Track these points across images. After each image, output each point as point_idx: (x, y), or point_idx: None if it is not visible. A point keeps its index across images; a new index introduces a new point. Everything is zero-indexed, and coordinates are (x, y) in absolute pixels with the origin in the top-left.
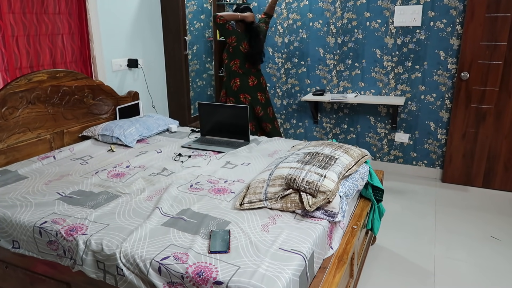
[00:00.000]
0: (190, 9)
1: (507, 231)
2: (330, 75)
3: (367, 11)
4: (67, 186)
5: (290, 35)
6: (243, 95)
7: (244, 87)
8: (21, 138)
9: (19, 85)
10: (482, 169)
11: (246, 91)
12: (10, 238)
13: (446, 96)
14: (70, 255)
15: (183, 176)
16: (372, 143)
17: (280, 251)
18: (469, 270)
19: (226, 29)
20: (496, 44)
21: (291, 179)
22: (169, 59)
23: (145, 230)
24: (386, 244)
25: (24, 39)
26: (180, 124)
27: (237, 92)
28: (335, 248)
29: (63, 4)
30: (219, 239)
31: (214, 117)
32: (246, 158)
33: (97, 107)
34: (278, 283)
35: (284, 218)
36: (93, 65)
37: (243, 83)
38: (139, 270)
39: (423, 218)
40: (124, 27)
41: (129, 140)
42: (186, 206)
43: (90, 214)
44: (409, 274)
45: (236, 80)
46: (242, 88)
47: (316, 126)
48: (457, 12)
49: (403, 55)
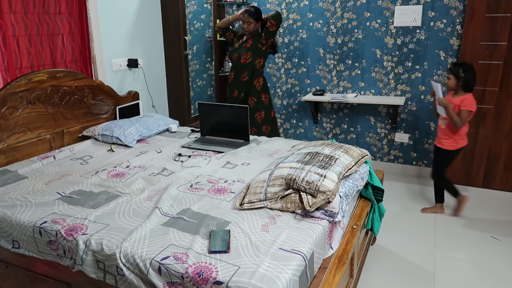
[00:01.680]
0: (190, 9)
1: (507, 231)
2: (330, 75)
3: (367, 11)
4: (67, 186)
5: (290, 35)
6: (264, 95)
7: (266, 86)
8: (21, 138)
9: (19, 85)
10: (482, 169)
11: (267, 91)
12: (10, 238)
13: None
14: (70, 255)
15: (183, 176)
16: (372, 143)
17: (280, 251)
18: (469, 270)
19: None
20: (496, 44)
21: (291, 179)
22: (169, 59)
23: (145, 230)
24: (386, 244)
25: (25, 39)
26: (180, 124)
27: (260, 91)
28: (335, 248)
29: (63, 4)
30: (219, 239)
31: (214, 117)
32: (246, 158)
33: (97, 107)
34: (278, 283)
35: (284, 218)
36: (93, 65)
37: (265, 83)
38: (139, 270)
39: (423, 218)
40: (124, 27)
41: (129, 140)
42: (186, 206)
43: (90, 214)
44: (409, 274)
45: (260, 79)
46: (264, 88)
47: (316, 126)
48: (457, 12)
49: (403, 55)
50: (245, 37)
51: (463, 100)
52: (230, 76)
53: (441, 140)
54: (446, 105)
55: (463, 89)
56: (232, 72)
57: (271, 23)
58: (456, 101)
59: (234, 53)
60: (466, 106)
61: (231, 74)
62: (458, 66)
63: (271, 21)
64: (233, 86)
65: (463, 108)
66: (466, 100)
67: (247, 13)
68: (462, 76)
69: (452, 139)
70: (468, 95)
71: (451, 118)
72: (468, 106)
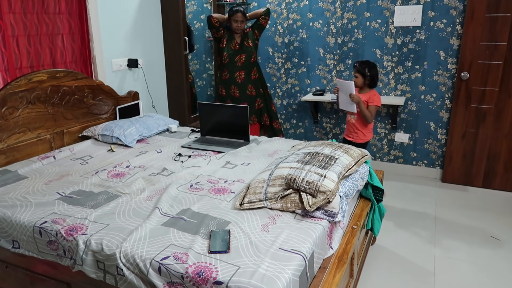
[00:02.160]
0: (190, 9)
1: (507, 231)
2: (330, 75)
3: (367, 11)
4: (67, 186)
5: (290, 35)
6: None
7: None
8: (21, 138)
9: (19, 85)
10: (482, 169)
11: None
12: (10, 238)
13: (446, 96)
14: (70, 255)
15: (183, 176)
16: (372, 143)
17: (280, 251)
18: (469, 270)
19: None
20: (496, 44)
21: (291, 179)
22: (169, 59)
23: (145, 230)
24: (386, 244)
25: (24, 39)
26: (180, 124)
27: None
28: (335, 248)
29: (63, 4)
30: (219, 239)
31: (214, 117)
32: (246, 158)
33: (97, 107)
34: (278, 283)
35: (284, 218)
36: (93, 65)
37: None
38: (139, 270)
39: (423, 218)
40: (124, 27)
41: (129, 140)
42: (186, 206)
43: (90, 214)
44: (409, 274)
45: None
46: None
47: (316, 126)
48: (457, 12)
49: (403, 55)
50: (236, 37)
51: (370, 96)
52: (240, 76)
53: (351, 134)
54: (359, 101)
55: (368, 86)
56: (243, 72)
57: (266, 19)
58: (363, 98)
59: (239, 54)
60: (374, 101)
61: (240, 74)
62: (364, 65)
63: (266, 18)
64: (246, 84)
65: (371, 103)
66: (373, 96)
67: (240, 13)
68: (368, 75)
69: (361, 133)
70: (373, 91)
71: (363, 113)
72: (376, 101)
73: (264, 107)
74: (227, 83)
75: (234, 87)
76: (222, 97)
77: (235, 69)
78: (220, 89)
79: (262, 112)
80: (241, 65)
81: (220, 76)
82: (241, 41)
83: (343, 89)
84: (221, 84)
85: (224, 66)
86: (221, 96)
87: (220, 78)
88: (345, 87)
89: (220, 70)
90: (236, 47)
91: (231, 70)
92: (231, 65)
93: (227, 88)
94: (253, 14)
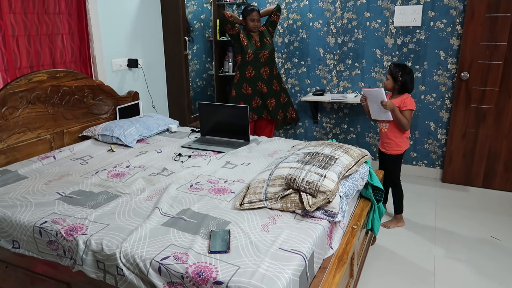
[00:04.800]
0: (190, 9)
1: (507, 231)
2: (330, 75)
3: (367, 11)
4: (67, 186)
5: (290, 35)
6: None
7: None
8: (21, 138)
9: (19, 85)
10: (482, 169)
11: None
12: (10, 238)
13: (446, 96)
14: (70, 255)
15: (183, 176)
16: (372, 143)
17: (280, 251)
18: (469, 270)
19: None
20: (496, 44)
21: (291, 179)
22: (169, 59)
23: (145, 230)
24: (386, 244)
25: (24, 39)
26: (180, 124)
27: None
28: (335, 248)
29: (63, 4)
30: (219, 239)
31: (214, 117)
32: (246, 158)
33: (97, 107)
34: (278, 283)
35: (284, 218)
36: (93, 65)
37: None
38: (139, 270)
39: (423, 218)
40: (124, 27)
41: (129, 140)
42: (186, 206)
43: (90, 214)
44: (409, 274)
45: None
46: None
47: (316, 126)
48: (457, 12)
49: (403, 55)
50: (253, 35)
51: (402, 100)
52: (266, 72)
53: (383, 144)
54: (393, 108)
55: (398, 92)
56: (267, 68)
57: (277, 15)
58: (396, 103)
59: (262, 51)
60: (407, 105)
61: (266, 70)
62: (398, 68)
63: (278, 14)
64: (271, 79)
65: (404, 108)
66: (405, 100)
67: (256, 11)
68: (400, 80)
69: (394, 143)
70: (405, 95)
71: (399, 120)
72: (409, 105)
73: (289, 101)
74: (253, 80)
75: (261, 83)
76: (246, 96)
77: (260, 65)
78: (245, 87)
79: (287, 106)
80: (264, 61)
81: (242, 74)
82: (260, 38)
83: (372, 97)
84: (246, 82)
85: (247, 64)
86: (246, 95)
87: (244, 76)
88: (374, 95)
89: (240, 69)
90: (257, 45)
91: (256, 67)
92: (255, 62)
93: (253, 85)
94: (265, 12)
